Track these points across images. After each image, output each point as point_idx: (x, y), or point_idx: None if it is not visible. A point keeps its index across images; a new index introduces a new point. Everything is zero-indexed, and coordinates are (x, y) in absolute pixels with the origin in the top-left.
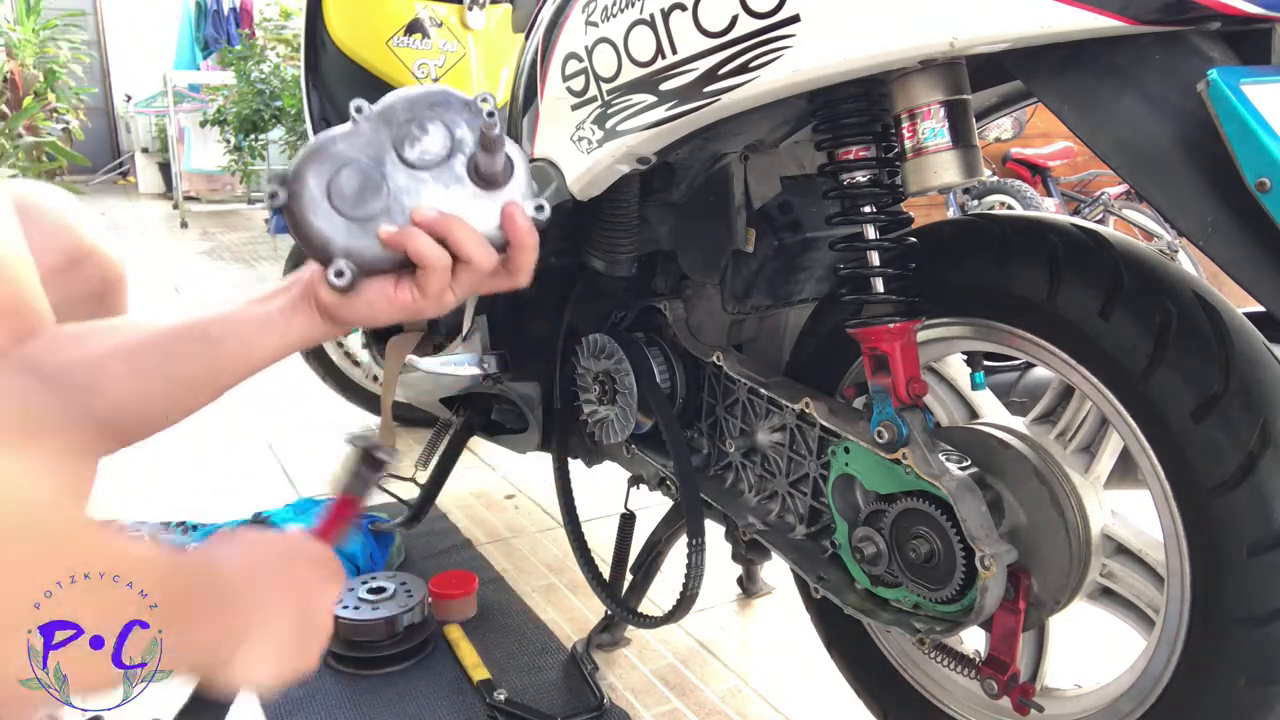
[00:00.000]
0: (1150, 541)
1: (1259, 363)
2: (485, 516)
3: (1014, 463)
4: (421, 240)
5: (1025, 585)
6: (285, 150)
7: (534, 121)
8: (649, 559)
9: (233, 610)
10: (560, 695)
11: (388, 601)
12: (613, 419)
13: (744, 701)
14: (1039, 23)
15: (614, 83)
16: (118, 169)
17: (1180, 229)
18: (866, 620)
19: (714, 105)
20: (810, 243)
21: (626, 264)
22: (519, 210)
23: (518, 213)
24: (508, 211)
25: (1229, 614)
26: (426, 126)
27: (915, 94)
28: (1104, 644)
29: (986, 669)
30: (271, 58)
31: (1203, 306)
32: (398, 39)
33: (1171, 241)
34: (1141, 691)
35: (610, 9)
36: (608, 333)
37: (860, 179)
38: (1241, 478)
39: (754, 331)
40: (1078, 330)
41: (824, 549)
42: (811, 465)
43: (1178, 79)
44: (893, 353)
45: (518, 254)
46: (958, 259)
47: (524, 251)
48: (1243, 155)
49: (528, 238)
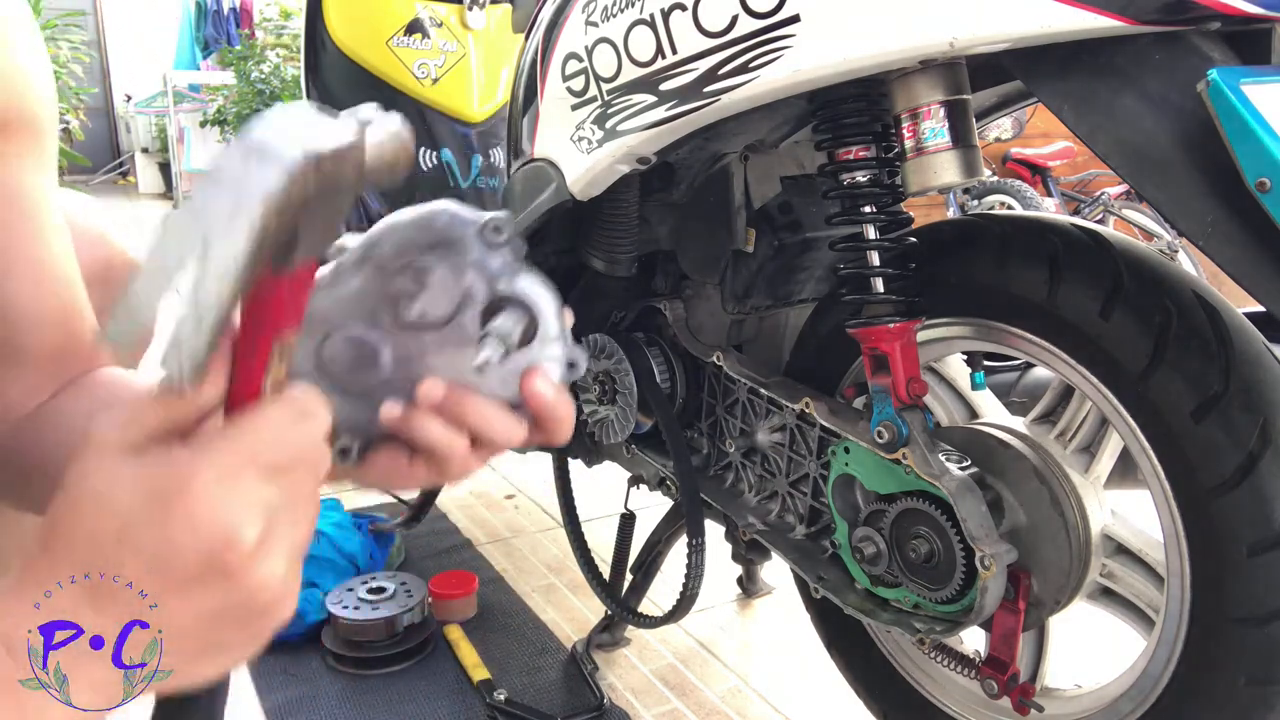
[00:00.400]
0: (1150, 541)
1: (1259, 363)
2: (485, 516)
3: (1014, 463)
4: (430, 427)
5: (1025, 585)
6: None
7: (534, 121)
8: (649, 559)
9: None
10: (560, 695)
11: (388, 601)
12: (613, 419)
13: (744, 701)
14: (1039, 23)
15: (614, 83)
16: (118, 169)
17: (1180, 229)
18: (866, 620)
19: (714, 105)
20: (810, 243)
21: (626, 264)
22: (543, 377)
23: (541, 381)
24: (528, 382)
25: (1229, 614)
26: (425, 277)
27: (915, 94)
28: (1104, 644)
29: (986, 669)
30: (271, 58)
31: (1203, 306)
32: (398, 39)
33: (1171, 241)
34: (1141, 691)
35: (610, 9)
36: (608, 333)
37: (860, 179)
38: (1241, 478)
39: (754, 331)
40: (1078, 330)
41: (824, 549)
42: (811, 465)
43: (1178, 79)
44: (893, 353)
45: (548, 424)
46: (958, 259)
47: (556, 422)
48: (1243, 155)
49: (557, 409)
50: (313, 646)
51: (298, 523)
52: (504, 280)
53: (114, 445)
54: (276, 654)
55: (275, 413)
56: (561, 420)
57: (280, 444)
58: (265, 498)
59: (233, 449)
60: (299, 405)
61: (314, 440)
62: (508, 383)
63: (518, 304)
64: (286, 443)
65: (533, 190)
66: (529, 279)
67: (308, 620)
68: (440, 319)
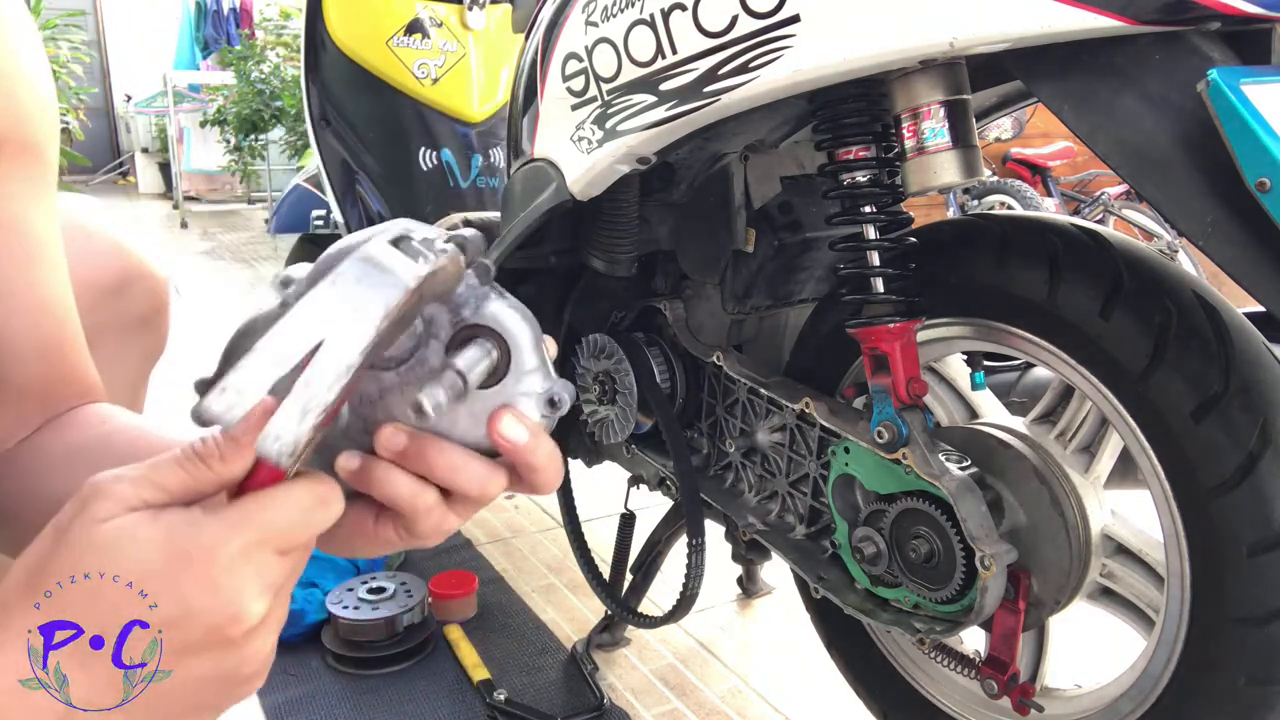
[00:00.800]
0: (1150, 541)
1: (1259, 363)
2: (485, 516)
3: (1014, 463)
4: (393, 480)
5: (1025, 585)
6: (285, 150)
7: (534, 121)
8: (649, 559)
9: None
10: (560, 695)
11: (388, 601)
12: (613, 419)
13: (744, 701)
14: (1039, 23)
15: (614, 83)
16: (118, 169)
17: (1180, 229)
18: (866, 620)
19: (714, 105)
20: (810, 243)
21: (626, 264)
22: (515, 417)
23: (510, 423)
24: (495, 423)
25: (1229, 614)
26: None
27: (915, 94)
28: (1104, 644)
29: (986, 669)
30: (271, 58)
31: (1203, 306)
32: (398, 39)
33: (1171, 241)
34: (1141, 691)
35: (610, 9)
36: (608, 333)
37: (860, 179)
38: (1241, 478)
39: (754, 331)
40: (1078, 330)
41: (824, 549)
42: (811, 465)
43: (1178, 79)
44: (893, 353)
45: (525, 473)
46: (958, 259)
47: (533, 471)
48: (1243, 155)
49: (533, 454)
50: (313, 646)
51: (286, 601)
52: (470, 307)
53: (131, 499)
54: (276, 654)
55: (299, 496)
56: (540, 468)
57: (298, 527)
58: (275, 577)
59: (257, 525)
60: (319, 492)
61: (324, 528)
62: (480, 425)
63: (488, 333)
64: (303, 527)
65: (533, 190)
66: (500, 304)
67: (308, 620)
68: (399, 356)
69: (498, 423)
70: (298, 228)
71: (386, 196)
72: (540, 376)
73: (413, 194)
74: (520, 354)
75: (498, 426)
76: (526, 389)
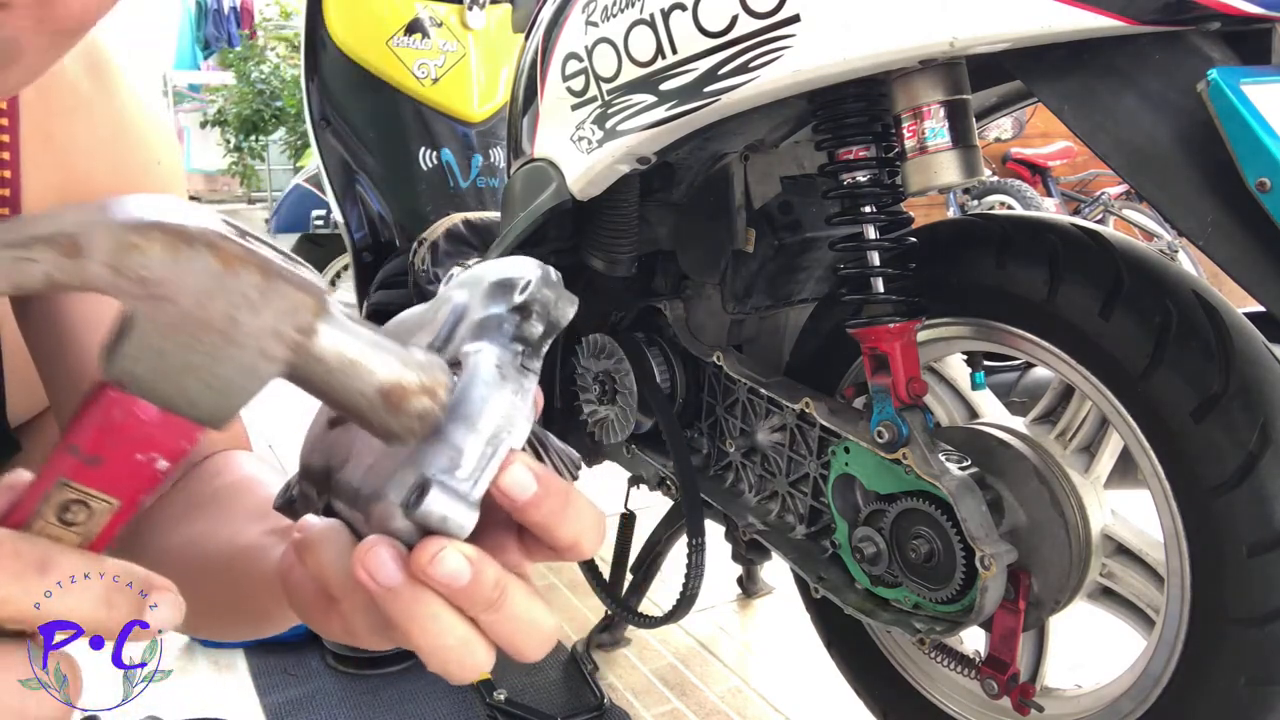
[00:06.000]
0: (1150, 541)
1: (1259, 363)
2: None
3: (1014, 463)
4: (441, 623)
5: (1025, 585)
6: (285, 150)
7: (534, 121)
8: (649, 559)
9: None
10: (560, 695)
11: None
12: (613, 419)
13: (744, 701)
14: (1039, 23)
15: (614, 83)
16: None
17: (1180, 229)
18: (866, 620)
19: (714, 105)
20: (810, 243)
21: (626, 264)
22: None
23: (372, 558)
24: (363, 553)
25: (1229, 614)
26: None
27: (916, 94)
28: (1104, 644)
29: (986, 669)
30: (271, 58)
31: (1203, 306)
32: (398, 39)
33: (1171, 241)
34: (1141, 691)
35: (610, 9)
36: (608, 333)
37: (860, 179)
38: (1241, 478)
39: (754, 331)
40: (1078, 330)
41: (824, 549)
42: (811, 465)
43: (1178, 79)
44: (893, 353)
45: (396, 632)
46: (958, 259)
47: (406, 626)
48: (1243, 155)
49: (410, 610)
50: (313, 646)
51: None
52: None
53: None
54: (276, 654)
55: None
56: (424, 632)
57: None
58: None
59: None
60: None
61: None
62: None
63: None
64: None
65: (533, 190)
66: (476, 344)
67: None
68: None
69: (361, 558)
70: (298, 228)
71: (386, 196)
72: (477, 470)
73: (413, 194)
74: (463, 425)
75: (362, 560)
76: (457, 481)
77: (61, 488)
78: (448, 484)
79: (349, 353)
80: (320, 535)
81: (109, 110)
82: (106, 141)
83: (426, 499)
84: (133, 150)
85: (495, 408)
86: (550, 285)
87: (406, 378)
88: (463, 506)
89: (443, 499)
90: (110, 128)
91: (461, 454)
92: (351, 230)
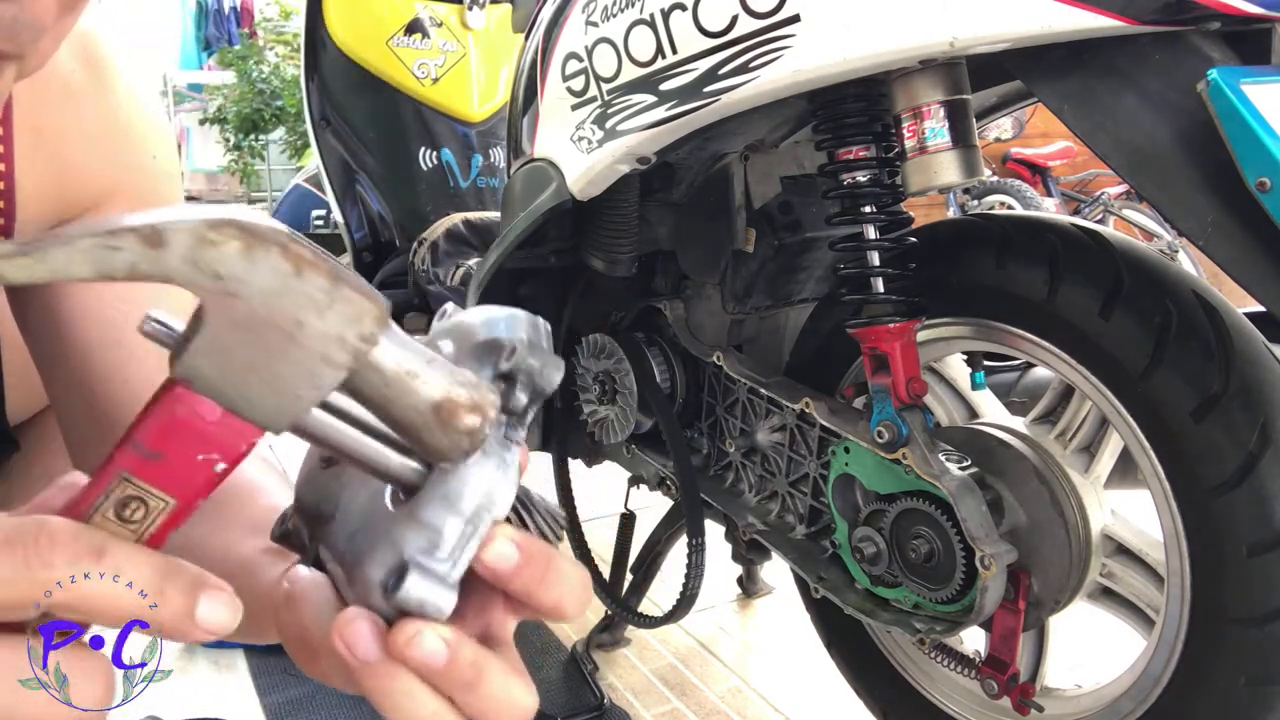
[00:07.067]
0: (1150, 541)
1: (1259, 363)
2: None
3: (1014, 463)
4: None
5: (1025, 585)
6: (285, 150)
7: (534, 121)
8: (649, 559)
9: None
10: (560, 695)
11: None
12: (613, 419)
13: (744, 701)
14: (1039, 23)
15: (614, 83)
16: None
17: (1180, 229)
18: (866, 620)
19: (714, 105)
20: (810, 243)
21: (626, 264)
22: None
23: (351, 631)
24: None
25: (1229, 614)
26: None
27: (916, 94)
28: (1104, 644)
29: (986, 669)
30: (271, 58)
31: (1203, 306)
32: (398, 39)
33: (1171, 241)
34: (1141, 691)
35: (610, 9)
36: (608, 333)
37: (860, 179)
38: (1241, 478)
39: (754, 331)
40: (1078, 330)
41: (824, 549)
42: (811, 465)
43: (1178, 79)
44: (893, 353)
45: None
46: (958, 259)
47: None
48: (1243, 155)
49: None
50: None
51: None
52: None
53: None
54: (276, 654)
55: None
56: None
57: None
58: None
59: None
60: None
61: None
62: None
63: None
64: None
65: (533, 190)
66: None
67: None
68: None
69: (344, 628)
70: (298, 228)
71: (386, 196)
72: (451, 555)
73: (413, 194)
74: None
75: (341, 632)
76: (435, 564)
77: (122, 483)
78: (426, 566)
79: (406, 364)
80: (305, 591)
81: (103, 104)
82: (100, 135)
83: (405, 583)
84: (128, 144)
85: (477, 487)
86: (537, 352)
87: (458, 394)
88: (442, 589)
89: (421, 583)
90: (104, 121)
91: (441, 535)
92: (351, 230)
